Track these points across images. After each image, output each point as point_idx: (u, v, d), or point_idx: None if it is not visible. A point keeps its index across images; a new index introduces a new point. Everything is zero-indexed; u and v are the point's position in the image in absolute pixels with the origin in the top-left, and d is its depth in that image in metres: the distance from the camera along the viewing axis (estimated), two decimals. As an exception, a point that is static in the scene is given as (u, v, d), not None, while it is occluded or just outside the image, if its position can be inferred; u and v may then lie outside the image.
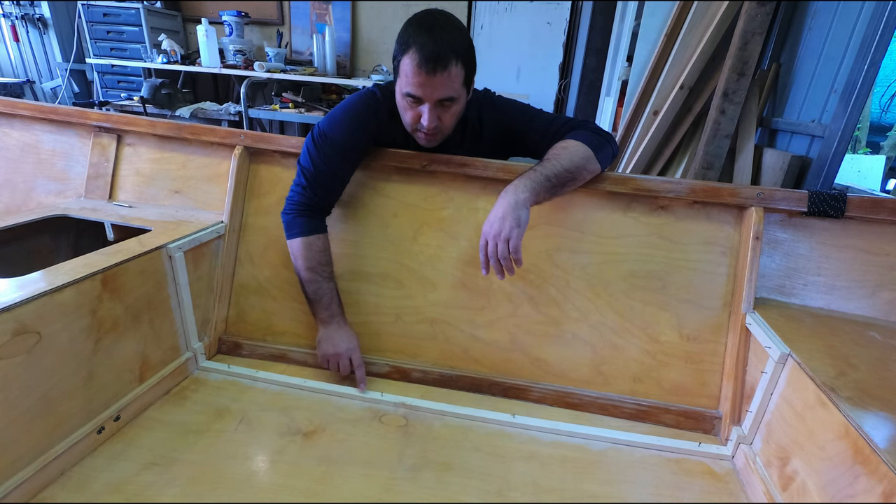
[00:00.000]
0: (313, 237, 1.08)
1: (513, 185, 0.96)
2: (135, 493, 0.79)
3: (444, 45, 0.92)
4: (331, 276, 1.11)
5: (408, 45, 0.94)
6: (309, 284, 1.09)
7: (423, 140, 1.08)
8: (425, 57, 0.92)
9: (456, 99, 1.00)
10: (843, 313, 1.03)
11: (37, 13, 4.09)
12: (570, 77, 3.86)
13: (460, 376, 1.14)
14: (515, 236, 0.91)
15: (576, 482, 0.89)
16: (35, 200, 1.34)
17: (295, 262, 1.10)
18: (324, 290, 1.09)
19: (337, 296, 1.11)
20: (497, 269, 0.94)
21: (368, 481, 0.85)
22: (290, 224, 1.09)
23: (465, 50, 0.96)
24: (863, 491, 0.63)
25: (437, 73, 0.93)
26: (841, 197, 1.01)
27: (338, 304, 1.11)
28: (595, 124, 1.09)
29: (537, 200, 0.97)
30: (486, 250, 0.94)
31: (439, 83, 0.95)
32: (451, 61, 0.94)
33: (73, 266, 0.87)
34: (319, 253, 1.09)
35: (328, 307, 1.09)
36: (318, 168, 1.07)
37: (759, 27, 1.87)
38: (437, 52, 0.92)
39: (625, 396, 1.08)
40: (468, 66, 0.99)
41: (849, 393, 0.73)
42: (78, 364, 0.85)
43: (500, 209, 0.94)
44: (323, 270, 1.09)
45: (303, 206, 1.08)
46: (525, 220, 0.93)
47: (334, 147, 1.07)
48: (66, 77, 4.10)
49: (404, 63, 0.95)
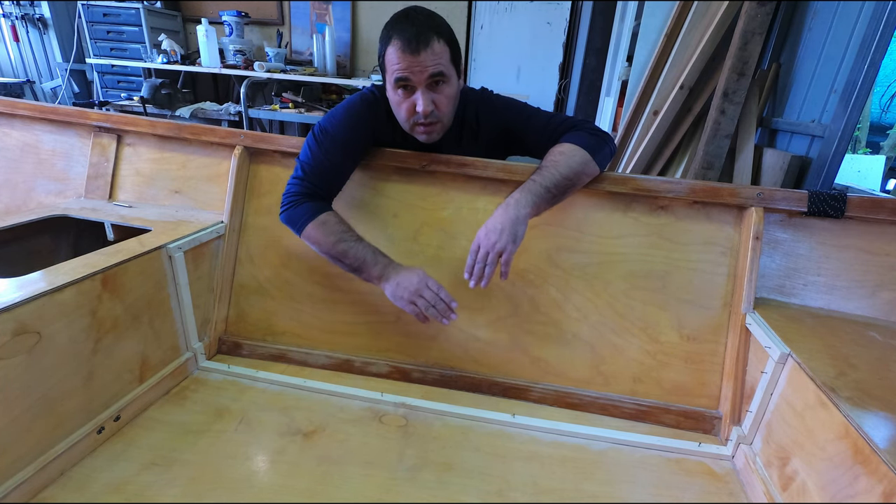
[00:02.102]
0: (322, 216, 1.03)
1: (514, 199, 0.97)
2: (135, 493, 0.79)
3: (422, 25, 0.95)
4: (360, 237, 1.04)
5: (389, 37, 0.97)
6: (345, 256, 1.02)
7: (422, 133, 1.06)
8: (407, 39, 0.94)
9: (447, 77, 0.99)
10: (843, 313, 1.03)
11: (37, 13, 4.08)
12: (570, 77, 3.86)
13: (460, 376, 1.14)
14: (509, 251, 0.93)
15: (576, 482, 0.89)
16: (35, 200, 1.34)
17: (318, 248, 1.04)
18: (362, 250, 1.02)
19: (377, 249, 1.04)
20: (478, 275, 0.95)
21: (368, 481, 0.85)
22: (291, 217, 1.04)
23: (445, 29, 0.98)
24: (863, 491, 0.63)
25: (420, 51, 0.94)
26: (841, 197, 1.01)
27: (382, 255, 1.03)
28: (592, 124, 1.09)
29: (538, 213, 0.99)
30: (475, 255, 0.96)
31: (426, 60, 0.95)
32: (433, 38, 0.95)
33: (73, 266, 0.87)
34: (337, 224, 1.03)
35: (376, 262, 1.02)
36: (319, 161, 1.06)
37: (759, 27, 1.87)
38: (416, 32, 0.94)
39: (625, 396, 1.08)
40: (452, 44, 0.99)
41: (849, 393, 0.73)
42: (78, 364, 0.85)
43: (499, 221, 0.94)
44: (350, 236, 1.03)
45: (299, 195, 1.05)
46: (521, 236, 0.95)
47: (335, 142, 1.06)
48: (66, 77, 4.10)
49: (389, 53, 0.97)
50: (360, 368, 1.16)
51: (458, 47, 1.02)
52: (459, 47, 1.03)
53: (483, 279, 0.95)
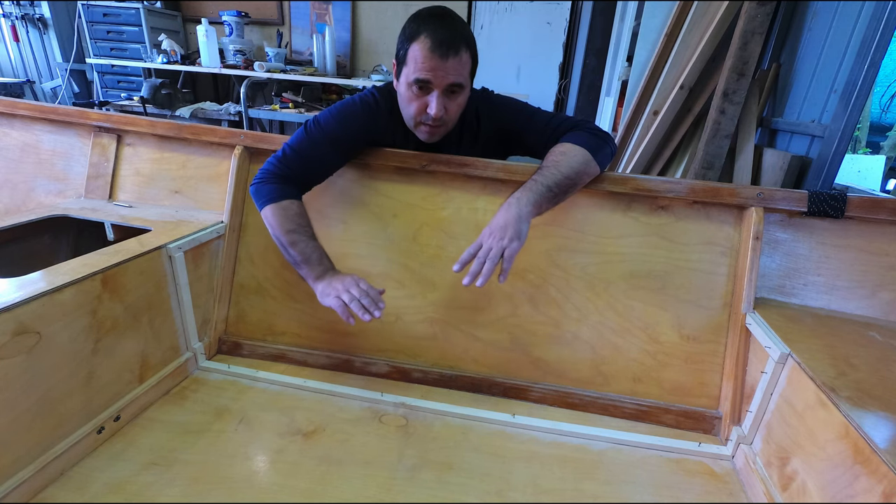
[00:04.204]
0: (286, 202, 1.03)
1: (516, 198, 0.96)
2: (135, 493, 0.79)
3: (455, 31, 0.95)
4: (314, 235, 1.05)
5: (417, 33, 0.95)
6: (294, 246, 1.02)
7: (425, 133, 1.07)
8: (438, 40, 0.93)
9: (463, 87, 1.00)
10: (843, 313, 1.03)
11: (37, 13, 4.09)
12: (570, 77, 3.86)
13: (460, 376, 1.14)
14: (512, 248, 0.91)
15: (576, 482, 0.89)
16: (35, 200, 1.34)
17: (272, 230, 1.04)
18: (311, 247, 1.03)
19: (325, 252, 1.05)
20: (475, 271, 0.90)
21: (368, 481, 0.85)
22: (258, 192, 1.05)
23: (472, 40, 0.99)
24: (863, 491, 0.63)
25: (449, 57, 0.94)
26: (841, 197, 1.01)
27: (328, 259, 1.05)
28: (592, 123, 1.09)
29: (540, 212, 0.98)
30: (474, 252, 0.92)
31: (451, 68, 0.95)
32: (462, 47, 0.95)
33: (73, 266, 0.87)
34: (297, 216, 1.04)
35: (320, 262, 1.03)
36: (303, 148, 1.06)
37: (759, 27, 1.87)
38: (449, 36, 0.93)
39: (625, 396, 1.08)
40: (474, 58, 1.00)
41: (849, 393, 0.73)
42: (78, 364, 0.85)
43: (502, 219, 0.94)
44: (304, 231, 1.03)
45: (272, 174, 1.04)
46: (525, 234, 0.94)
47: (324, 135, 1.07)
48: (66, 77, 4.10)
49: (413, 49, 0.95)
50: (360, 368, 1.16)
51: (477, 60, 1.02)
52: (478, 58, 1.03)
53: (481, 276, 0.89)
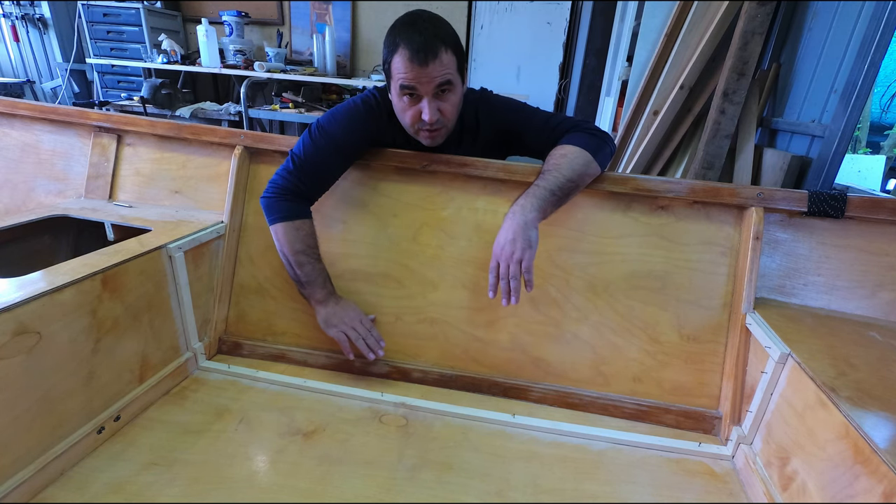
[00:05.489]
0: (299, 221, 1.06)
1: (519, 206, 0.96)
2: (135, 493, 0.79)
3: (429, 35, 0.94)
4: (320, 257, 1.10)
5: (395, 45, 0.95)
6: (301, 267, 1.07)
7: (427, 138, 1.07)
8: (415, 49, 0.93)
9: (453, 84, 1.00)
10: (843, 313, 1.03)
11: (37, 13, 4.09)
12: (570, 77, 3.86)
13: (460, 376, 1.14)
14: (528, 258, 0.92)
15: (576, 482, 0.89)
16: (35, 200, 1.34)
17: (280, 247, 1.07)
18: (317, 270, 1.08)
19: (328, 276, 1.11)
20: (505, 291, 0.94)
21: (368, 481, 0.85)
22: (270, 206, 1.07)
23: (451, 38, 0.98)
24: (863, 491, 0.63)
25: (428, 62, 0.94)
26: (841, 197, 1.01)
27: (330, 283, 1.11)
28: (592, 124, 1.10)
29: (545, 217, 0.98)
30: (496, 272, 0.95)
31: (434, 71, 0.95)
32: (440, 49, 0.95)
33: (73, 266, 0.87)
34: (308, 236, 1.07)
35: (324, 286, 1.09)
36: (310, 157, 1.06)
37: (759, 27, 1.87)
38: (424, 42, 0.93)
39: (625, 396, 1.08)
40: (458, 53, 0.99)
41: (849, 393, 0.73)
42: (78, 364, 0.85)
43: (509, 231, 0.94)
44: (313, 252, 1.08)
45: (286, 190, 1.06)
46: (535, 240, 0.94)
47: (330, 140, 1.07)
48: (66, 77, 4.10)
49: (395, 62, 0.96)
50: (360, 368, 1.16)
51: (462, 53, 1.02)
52: (464, 52, 1.02)
53: (512, 295, 0.94)
